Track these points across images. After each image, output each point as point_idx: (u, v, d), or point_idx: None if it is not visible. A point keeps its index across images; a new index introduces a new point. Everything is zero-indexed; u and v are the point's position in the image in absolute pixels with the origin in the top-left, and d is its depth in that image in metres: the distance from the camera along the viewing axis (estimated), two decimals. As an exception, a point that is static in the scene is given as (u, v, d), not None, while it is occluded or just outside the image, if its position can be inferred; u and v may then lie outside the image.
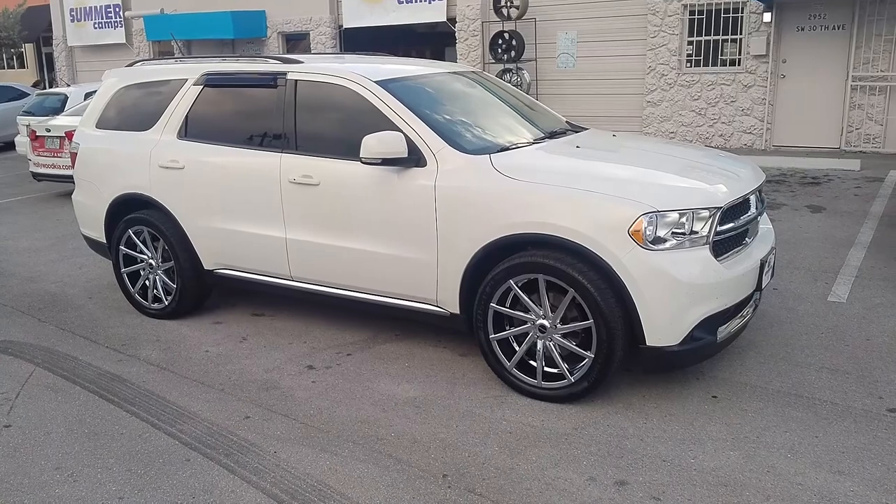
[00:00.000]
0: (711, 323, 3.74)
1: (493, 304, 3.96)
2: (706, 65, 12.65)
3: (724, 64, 12.52)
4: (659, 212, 3.60)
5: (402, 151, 4.06)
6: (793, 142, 12.13)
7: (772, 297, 5.33)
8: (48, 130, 10.34)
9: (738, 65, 12.35)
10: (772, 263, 4.27)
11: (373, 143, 4.05)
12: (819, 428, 3.59)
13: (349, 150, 4.33)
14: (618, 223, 3.59)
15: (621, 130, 5.70)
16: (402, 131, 4.16)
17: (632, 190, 3.71)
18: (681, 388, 4.03)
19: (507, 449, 3.48)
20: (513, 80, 13.71)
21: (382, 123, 4.26)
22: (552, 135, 4.75)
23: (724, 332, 3.83)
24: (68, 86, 17.12)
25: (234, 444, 3.58)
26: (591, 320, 3.69)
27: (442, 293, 4.18)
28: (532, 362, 3.97)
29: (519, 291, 3.87)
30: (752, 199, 4.17)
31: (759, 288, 4.07)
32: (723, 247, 3.86)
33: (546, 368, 3.92)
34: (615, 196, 3.67)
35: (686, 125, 12.88)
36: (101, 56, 20.23)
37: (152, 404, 4.03)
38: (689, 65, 12.79)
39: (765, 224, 4.55)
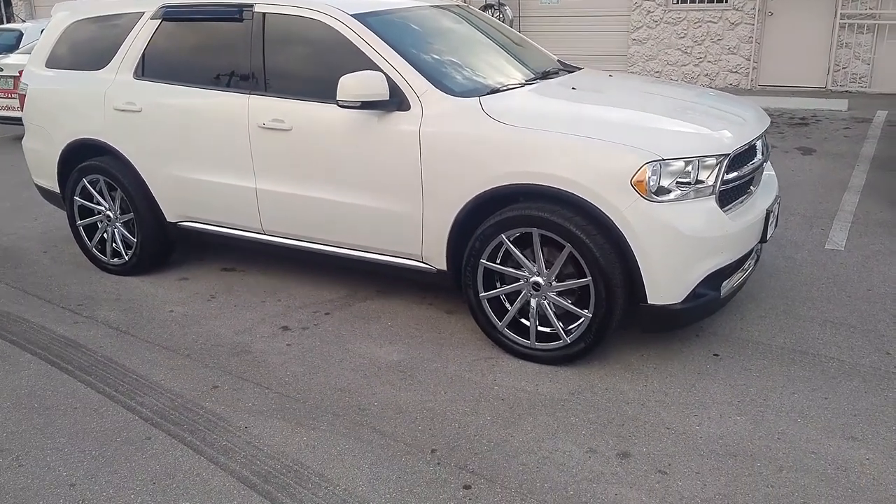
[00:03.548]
0: (715, 278, 3.49)
1: (484, 261, 3.66)
2: (693, 1, 12.20)
3: (711, 1, 12.08)
4: (664, 160, 3.29)
5: (382, 93, 3.68)
6: (779, 81, 11.83)
7: (768, 244, 5.10)
8: (0, 70, 9.69)
9: (726, 1, 11.92)
10: (776, 213, 4.00)
11: (351, 85, 3.66)
12: (828, 388, 3.39)
13: (324, 91, 3.95)
14: (620, 173, 3.28)
15: (606, 69, 5.32)
16: (382, 71, 3.78)
17: (634, 136, 3.38)
18: (680, 346, 3.80)
19: (500, 418, 3.23)
20: (495, 16, 13.17)
21: (361, 62, 3.87)
22: (545, 75, 4.38)
23: (727, 287, 3.59)
24: (23, 22, 16.19)
25: (200, 418, 3.29)
26: (590, 277, 3.42)
27: (427, 248, 3.87)
28: (524, 321, 3.70)
29: (511, 247, 3.58)
30: (759, 144, 3.88)
31: (763, 239, 3.82)
32: (728, 197, 3.58)
33: (539, 328, 3.66)
34: (616, 143, 3.34)
35: (671, 64, 12.49)
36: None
37: (110, 373, 3.71)
38: (675, 1, 12.32)
39: (767, 170, 4.28)
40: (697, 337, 3.89)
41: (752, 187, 3.86)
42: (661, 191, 3.31)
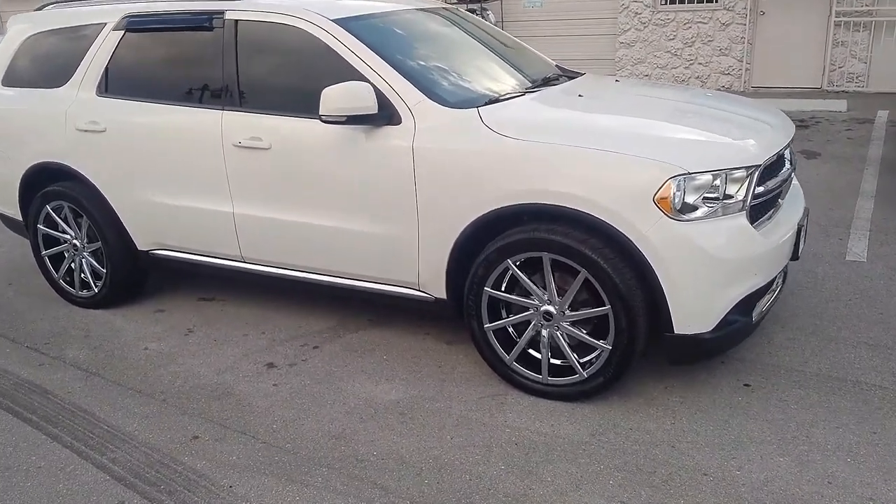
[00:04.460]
0: (748, 302, 3.15)
1: (488, 288, 3.31)
2: (682, 1, 11.93)
3: (700, 1, 11.81)
4: (689, 174, 2.95)
5: (370, 106, 3.32)
6: (773, 82, 11.56)
7: (787, 258, 4.78)
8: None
9: (716, 1, 11.66)
10: (806, 227, 3.67)
11: (334, 97, 3.30)
12: (875, 421, 3.05)
13: (306, 105, 3.57)
14: (640, 189, 2.94)
15: (596, 74, 4.97)
16: (369, 81, 3.41)
17: (655, 148, 3.03)
18: (706, 376, 3.45)
19: (516, 467, 2.87)
20: (477, 21, 12.84)
21: (345, 72, 3.50)
22: (546, 82, 4.04)
23: (758, 311, 3.25)
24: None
25: (178, 476, 2.90)
26: (608, 306, 3.06)
27: (424, 275, 3.50)
28: (535, 353, 3.35)
29: (518, 273, 3.22)
30: (786, 153, 3.56)
31: (795, 257, 3.49)
32: (757, 212, 3.24)
33: (552, 360, 3.30)
34: (635, 156, 3.00)
35: (661, 67, 12.21)
36: (32, 4, 18.65)
37: (78, 424, 3.31)
38: (663, 2, 12.05)
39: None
40: (723, 364, 3.55)
41: (780, 200, 3.53)
42: (687, 208, 2.97)
